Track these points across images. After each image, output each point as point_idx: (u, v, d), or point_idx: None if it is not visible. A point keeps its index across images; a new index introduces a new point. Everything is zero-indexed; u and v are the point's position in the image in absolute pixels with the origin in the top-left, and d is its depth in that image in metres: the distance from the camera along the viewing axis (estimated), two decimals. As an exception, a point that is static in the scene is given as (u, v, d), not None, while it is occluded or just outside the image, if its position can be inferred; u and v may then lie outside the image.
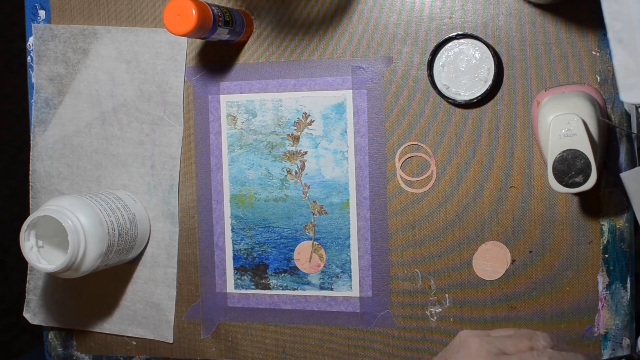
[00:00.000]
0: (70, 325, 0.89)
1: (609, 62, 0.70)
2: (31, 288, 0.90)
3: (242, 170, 0.82)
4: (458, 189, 0.75)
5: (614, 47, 0.49)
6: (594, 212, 0.72)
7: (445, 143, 0.75)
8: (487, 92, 0.72)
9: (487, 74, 0.72)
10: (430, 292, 0.77)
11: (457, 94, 0.73)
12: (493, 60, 0.71)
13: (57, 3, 0.87)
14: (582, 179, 0.63)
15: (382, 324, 0.79)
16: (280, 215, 0.81)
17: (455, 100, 0.73)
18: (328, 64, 0.78)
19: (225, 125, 0.82)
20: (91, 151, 0.86)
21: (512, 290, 0.74)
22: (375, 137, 0.77)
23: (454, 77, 0.73)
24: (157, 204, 0.84)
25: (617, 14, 0.48)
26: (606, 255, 0.72)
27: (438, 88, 0.73)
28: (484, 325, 0.75)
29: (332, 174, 0.79)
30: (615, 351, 0.72)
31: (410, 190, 0.77)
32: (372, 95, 0.77)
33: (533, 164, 0.73)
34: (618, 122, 0.70)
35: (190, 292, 0.85)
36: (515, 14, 0.72)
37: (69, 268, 0.74)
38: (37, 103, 0.88)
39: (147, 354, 0.87)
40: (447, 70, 0.73)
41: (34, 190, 0.89)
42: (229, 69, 0.81)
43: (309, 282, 0.81)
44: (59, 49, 0.86)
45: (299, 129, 0.80)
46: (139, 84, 0.84)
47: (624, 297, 0.72)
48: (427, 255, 0.77)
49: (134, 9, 0.84)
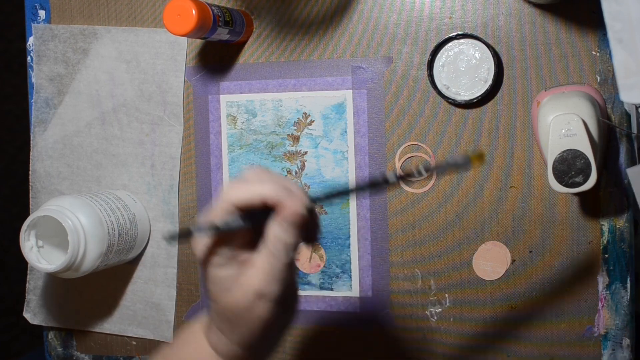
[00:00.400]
0: (70, 325, 0.89)
1: (609, 62, 0.70)
2: (31, 288, 0.90)
3: (242, 170, 0.82)
4: (458, 189, 0.75)
5: (614, 47, 0.49)
6: (594, 212, 0.72)
7: (445, 143, 0.75)
8: (487, 92, 0.72)
9: (487, 74, 0.72)
10: (430, 292, 0.77)
11: (457, 94, 0.73)
12: (493, 60, 0.71)
13: (57, 3, 0.87)
14: (582, 179, 0.63)
15: (382, 324, 0.79)
16: (280, 215, 0.81)
17: (455, 100, 0.73)
18: (328, 64, 0.78)
19: (225, 125, 0.82)
20: (91, 151, 0.86)
21: (512, 290, 0.74)
22: (375, 137, 0.77)
23: (453, 77, 0.73)
24: (157, 204, 0.84)
25: (617, 14, 0.48)
26: (606, 255, 0.72)
27: (438, 88, 0.73)
28: (483, 325, 0.76)
29: (332, 174, 0.79)
30: (615, 351, 0.72)
31: (410, 190, 0.77)
32: (372, 95, 0.77)
33: (533, 164, 0.73)
34: (618, 122, 0.70)
35: (190, 292, 0.85)
36: (515, 14, 0.72)
37: (68, 268, 0.74)
38: (37, 103, 0.88)
39: (147, 353, 0.87)
40: (447, 70, 0.73)
41: (34, 190, 0.89)
42: (229, 69, 0.81)
43: (309, 282, 0.81)
44: (59, 49, 0.86)
45: (299, 129, 0.80)
46: (139, 84, 0.84)
47: (624, 297, 0.72)
48: (427, 256, 0.77)
49: (134, 9, 0.84)
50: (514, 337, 0.75)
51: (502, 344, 0.75)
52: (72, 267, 0.74)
